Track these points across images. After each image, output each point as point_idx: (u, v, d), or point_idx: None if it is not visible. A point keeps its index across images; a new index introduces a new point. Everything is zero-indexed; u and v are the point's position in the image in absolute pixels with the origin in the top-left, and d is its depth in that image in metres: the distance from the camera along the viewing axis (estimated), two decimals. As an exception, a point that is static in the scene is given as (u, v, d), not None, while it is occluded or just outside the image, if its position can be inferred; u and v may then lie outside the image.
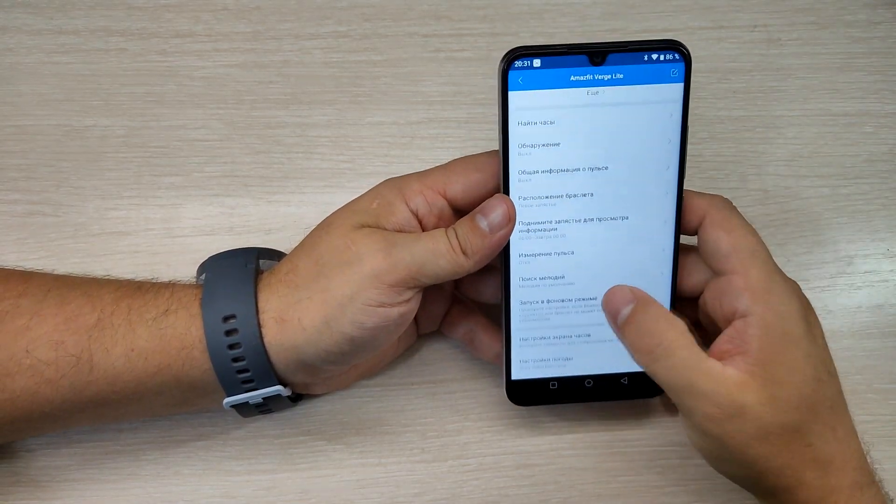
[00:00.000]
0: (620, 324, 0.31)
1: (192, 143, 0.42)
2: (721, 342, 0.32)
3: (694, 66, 0.32)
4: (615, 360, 0.37)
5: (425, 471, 0.40)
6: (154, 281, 0.36)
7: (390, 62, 0.43)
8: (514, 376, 0.37)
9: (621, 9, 0.43)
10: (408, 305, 0.33)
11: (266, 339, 0.33)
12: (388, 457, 0.40)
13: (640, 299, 0.31)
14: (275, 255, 0.38)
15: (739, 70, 0.43)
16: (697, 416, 0.30)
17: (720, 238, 0.33)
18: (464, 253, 0.33)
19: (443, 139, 0.43)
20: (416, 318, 0.39)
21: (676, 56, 0.33)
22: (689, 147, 0.42)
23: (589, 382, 0.37)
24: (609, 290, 0.32)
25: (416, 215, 0.34)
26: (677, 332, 0.30)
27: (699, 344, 0.31)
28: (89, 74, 0.43)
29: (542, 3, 0.43)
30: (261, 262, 0.36)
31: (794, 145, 0.43)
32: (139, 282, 0.36)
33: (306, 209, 0.35)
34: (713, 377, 0.30)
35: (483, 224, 0.33)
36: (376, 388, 0.41)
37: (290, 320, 0.33)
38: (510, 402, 0.37)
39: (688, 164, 0.42)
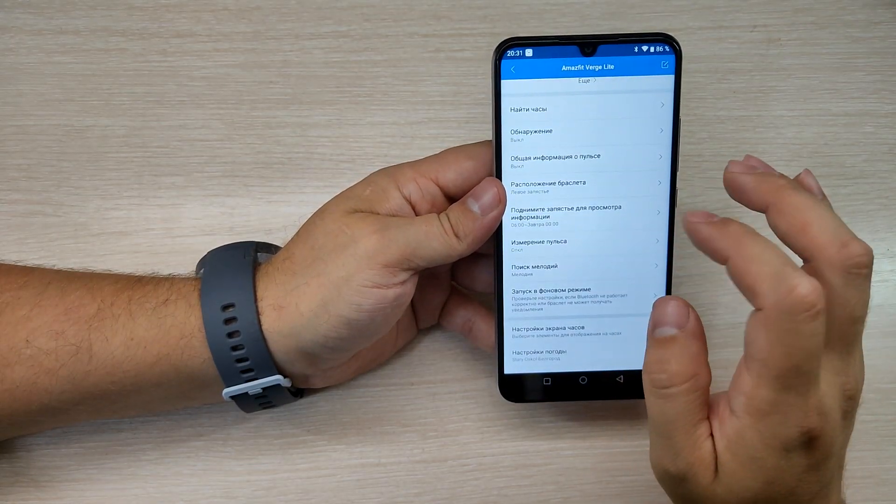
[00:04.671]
0: (656, 336, 0.30)
1: (192, 143, 0.42)
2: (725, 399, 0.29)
3: (694, 66, 0.32)
4: (610, 356, 0.36)
5: (425, 471, 0.40)
6: (154, 275, 0.36)
7: (390, 62, 0.43)
8: (506, 370, 0.37)
9: (621, 9, 0.43)
10: (403, 287, 0.33)
11: (264, 327, 0.33)
12: (388, 457, 0.40)
13: (690, 332, 0.29)
14: (272, 249, 0.38)
15: (739, 70, 0.43)
16: (656, 457, 0.30)
17: (759, 339, 0.27)
18: (456, 235, 0.33)
19: (443, 139, 0.43)
20: (414, 311, 0.40)
21: (667, 48, 0.33)
22: (689, 147, 0.43)
23: (583, 379, 0.37)
24: (668, 298, 0.30)
25: (409, 201, 0.34)
26: (690, 387, 0.29)
27: (703, 408, 0.29)
28: (90, 74, 0.43)
29: (542, 3, 0.43)
30: (259, 255, 0.36)
31: (794, 145, 0.43)
32: (139, 275, 0.36)
33: (306, 209, 0.35)
34: (690, 442, 0.29)
35: (474, 207, 0.34)
36: (376, 388, 0.41)
37: (287, 306, 0.33)
38: (503, 397, 0.37)
39: (688, 165, 0.43)
